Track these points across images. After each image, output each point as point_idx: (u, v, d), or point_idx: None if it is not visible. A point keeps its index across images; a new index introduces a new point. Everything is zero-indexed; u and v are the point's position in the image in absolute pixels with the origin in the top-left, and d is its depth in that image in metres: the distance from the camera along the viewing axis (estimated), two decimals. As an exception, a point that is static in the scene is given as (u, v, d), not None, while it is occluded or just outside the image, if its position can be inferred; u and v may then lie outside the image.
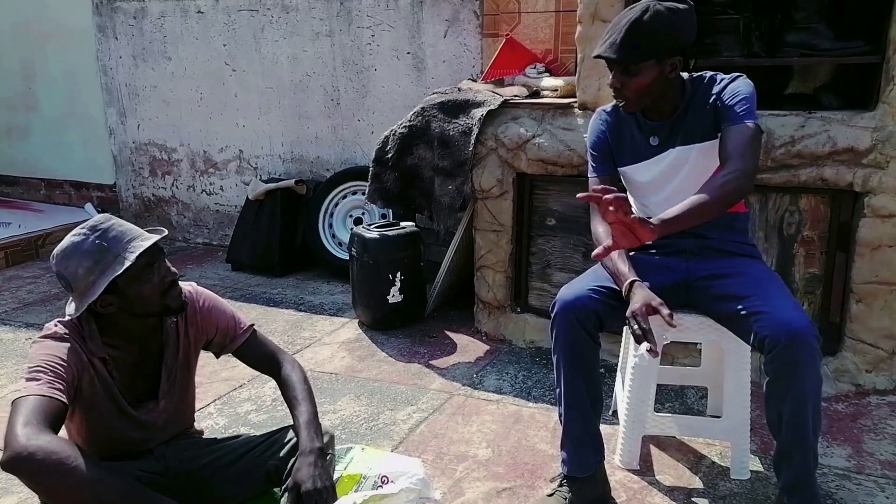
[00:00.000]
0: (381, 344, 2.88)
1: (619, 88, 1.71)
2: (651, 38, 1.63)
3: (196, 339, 1.69)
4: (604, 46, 1.67)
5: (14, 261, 4.03)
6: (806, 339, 1.51)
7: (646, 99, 1.72)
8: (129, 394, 1.59)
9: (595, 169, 1.91)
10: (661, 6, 1.63)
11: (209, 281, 3.69)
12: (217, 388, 2.51)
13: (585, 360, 1.75)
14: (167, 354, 1.63)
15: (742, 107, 1.65)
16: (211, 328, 1.70)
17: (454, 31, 3.44)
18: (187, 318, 1.66)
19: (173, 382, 1.66)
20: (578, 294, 1.73)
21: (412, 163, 2.89)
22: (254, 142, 4.12)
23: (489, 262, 2.82)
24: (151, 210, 4.57)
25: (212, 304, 1.71)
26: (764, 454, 2.04)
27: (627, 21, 1.64)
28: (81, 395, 1.49)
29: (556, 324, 1.74)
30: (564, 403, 1.77)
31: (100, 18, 4.33)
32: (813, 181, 2.27)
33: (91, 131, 4.60)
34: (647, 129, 1.80)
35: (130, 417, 1.59)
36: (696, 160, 1.75)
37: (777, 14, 2.46)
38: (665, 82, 1.69)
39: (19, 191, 5.03)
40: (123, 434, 1.60)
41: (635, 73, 1.66)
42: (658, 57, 1.65)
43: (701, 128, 1.74)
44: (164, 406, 1.65)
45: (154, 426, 1.64)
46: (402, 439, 2.16)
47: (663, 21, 1.62)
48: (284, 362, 1.72)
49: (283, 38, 3.86)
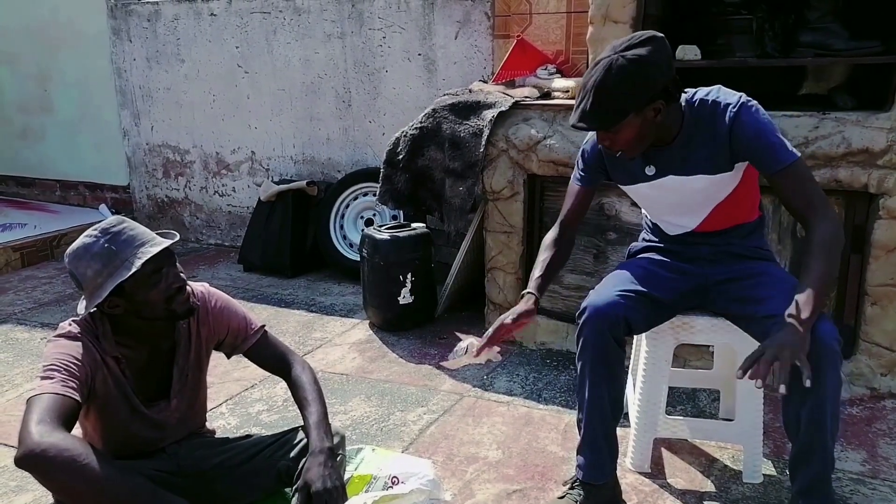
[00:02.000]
0: (391, 345, 2.88)
1: (608, 145, 1.62)
2: (620, 97, 1.51)
3: (208, 340, 1.70)
4: (576, 115, 1.56)
5: (30, 261, 4.08)
6: (826, 342, 1.49)
7: (640, 145, 1.61)
8: (141, 393, 1.60)
9: (580, 177, 1.85)
10: (623, 60, 1.49)
11: (221, 281, 3.72)
12: (229, 388, 2.52)
13: (611, 368, 1.72)
14: (178, 354, 1.64)
15: (774, 148, 1.56)
16: (222, 329, 1.71)
17: (465, 33, 3.44)
18: (199, 318, 1.67)
19: (185, 382, 1.67)
20: (608, 300, 1.69)
21: (423, 164, 2.89)
22: (266, 143, 4.14)
23: (500, 264, 2.82)
24: (165, 211, 4.61)
25: (224, 305, 1.72)
26: (777, 458, 2.02)
27: (592, 85, 1.52)
28: (95, 393, 1.51)
29: (585, 331, 1.70)
30: (586, 411, 1.75)
31: (114, 21, 4.38)
32: (827, 183, 2.25)
33: (105, 133, 4.65)
34: (644, 157, 1.70)
35: (143, 416, 1.61)
36: (700, 190, 1.68)
37: (791, 14, 2.45)
38: (654, 126, 1.58)
39: (35, 192, 5.09)
40: (136, 433, 1.62)
41: (617, 131, 1.56)
42: (636, 110, 1.53)
43: (705, 160, 1.64)
44: (176, 405, 1.66)
45: (166, 425, 1.66)
46: (413, 440, 2.16)
47: (629, 77, 1.49)
48: (295, 363, 1.73)
49: (295, 41, 3.88)
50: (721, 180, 1.66)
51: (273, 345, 1.77)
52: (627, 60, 1.49)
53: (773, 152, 1.57)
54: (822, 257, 1.51)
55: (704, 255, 1.78)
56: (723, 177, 1.66)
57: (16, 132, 5.01)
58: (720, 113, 1.60)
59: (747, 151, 1.60)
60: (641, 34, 1.55)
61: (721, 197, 1.70)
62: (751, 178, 1.70)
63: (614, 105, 1.52)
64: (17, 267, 4.04)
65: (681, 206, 1.76)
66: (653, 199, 1.80)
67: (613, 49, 1.53)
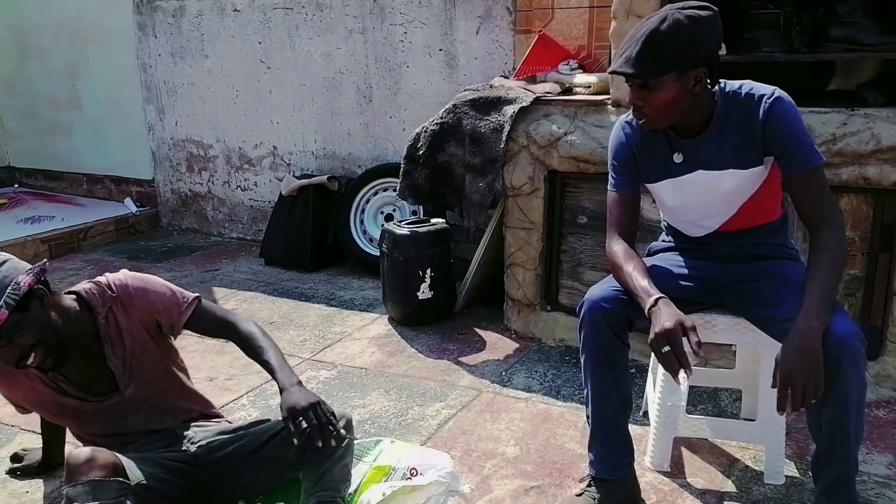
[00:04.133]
0: (410, 340, 2.89)
1: (639, 106, 1.57)
2: (670, 49, 1.49)
3: (144, 324, 1.71)
4: (619, 61, 1.53)
5: (57, 253, 4.16)
6: (850, 342, 1.47)
7: (670, 116, 1.58)
8: (89, 391, 1.68)
9: (616, 182, 1.77)
10: (680, 14, 1.49)
11: (242, 275, 3.76)
12: (250, 380, 2.55)
13: (613, 362, 1.71)
14: (106, 349, 1.67)
15: (804, 147, 1.55)
16: (153, 310, 1.71)
17: (486, 28, 3.43)
18: (124, 306, 1.69)
19: (130, 371, 1.70)
20: (606, 294, 1.68)
21: (443, 160, 2.89)
22: (287, 138, 4.17)
23: (519, 260, 2.81)
24: (188, 205, 4.67)
25: (144, 287, 1.72)
26: (800, 459, 1.99)
27: (644, 32, 1.50)
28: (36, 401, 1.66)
29: (584, 325, 1.70)
30: (591, 405, 1.75)
31: (140, 17, 4.44)
32: (855, 180, 2.21)
33: (131, 128, 4.72)
34: (674, 144, 1.67)
35: (102, 408, 1.68)
36: (728, 186, 1.66)
37: (820, 8, 2.40)
38: (690, 97, 1.55)
39: (62, 185, 5.19)
40: (110, 423, 1.70)
41: (655, 87, 1.52)
42: (679, 69, 1.50)
43: (737, 153, 1.61)
44: (133, 393, 1.70)
45: (133, 412, 1.71)
46: (431, 435, 2.17)
47: (683, 30, 1.48)
48: (239, 322, 1.74)
49: (317, 36, 3.90)
50: (750, 175, 1.64)
51: (211, 311, 1.76)
52: (684, 16, 1.49)
53: (802, 151, 1.55)
54: (830, 266, 1.52)
55: (725, 254, 1.76)
56: (752, 171, 1.63)
57: (45, 127, 5.11)
58: (755, 103, 1.58)
59: (777, 145, 1.57)
60: (700, 2, 1.55)
61: (747, 195, 1.67)
62: (775, 176, 1.67)
63: (662, 55, 1.50)
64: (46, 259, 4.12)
65: (707, 207, 1.73)
66: (678, 200, 1.75)
67: (671, 7, 1.53)
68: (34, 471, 1.96)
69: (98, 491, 1.41)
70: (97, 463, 1.44)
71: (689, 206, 1.76)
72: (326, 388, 2.49)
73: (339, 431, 1.55)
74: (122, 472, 1.48)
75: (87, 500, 1.39)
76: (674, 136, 1.67)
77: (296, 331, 3.00)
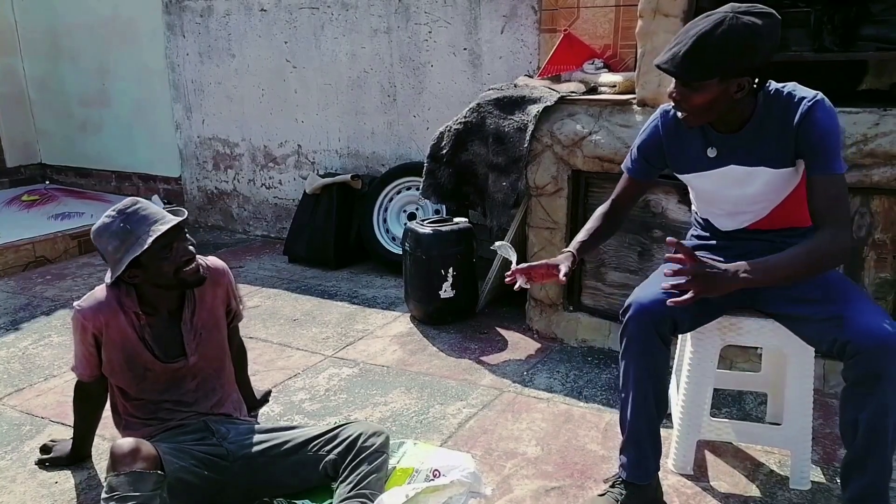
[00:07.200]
0: (432, 338, 2.90)
1: (678, 101, 1.58)
2: (719, 55, 1.46)
3: (223, 301, 1.91)
4: (665, 56, 1.52)
5: (86, 249, 4.24)
6: (891, 343, 1.44)
7: (707, 116, 1.58)
8: (161, 351, 1.78)
9: (632, 166, 1.84)
10: (738, 21, 1.45)
11: (266, 272, 3.80)
12: (273, 376, 2.58)
13: (656, 367, 1.70)
14: (185, 314, 1.80)
15: (828, 153, 1.53)
16: (232, 293, 1.95)
17: (511, 27, 3.42)
18: (212, 281, 1.85)
19: (199, 340, 1.83)
20: (654, 297, 1.66)
21: (467, 159, 2.89)
22: (312, 137, 4.21)
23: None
24: (214, 202, 4.73)
25: (228, 272, 1.95)
26: (826, 464, 1.96)
27: (696, 33, 1.47)
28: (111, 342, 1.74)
29: (630, 327, 1.68)
30: (631, 410, 1.73)
31: (169, 17, 4.51)
32: (887, 182, 2.16)
33: (159, 126, 4.80)
34: (709, 138, 1.67)
35: (163, 368, 1.78)
36: (759, 183, 1.64)
37: (853, 6, 2.35)
38: (730, 102, 1.54)
39: (92, 182, 5.29)
40: (160, 388, 1.80)
41: (696, 88, 1.51)
42: (722, 77, 1.49)
43: (771, 152, 1.60)
44: (196, 362, 1.82)
45: (188, 380, 1.82)
46: (452, 434, 2.17)
47: (737, 39, 1.44)
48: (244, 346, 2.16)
49: (342, 35, 3.93)
50: (782, 176, 1.62)
51: (237, 329, 2.09)
52: (742, 23, 1.46)
53: (824, 156, 1.54)
54: (806, 255, 1.53)
55: (756, 250, 1.73)
56: (784, 172, 1.61)
57: (76, 125, 5.22)
58: (794, 105, 1.57)
59: (805, 147, 1.56)
60: (763, 7, 1.51)
61: (780, 197, 1.65)
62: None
63: (708, 60, 1.47)
64: (75, 254, 4.21)
65: (737, 203, 1.71)
66: (710, 192, 1.75)
67: (732, 9, 1.50)
68: (63, 462, 2.01)
69: (138, 483, 1.49)
70: (140, 455, 1.53)
71: (719, 199, 1.75)
72: (348, 386, 2.51)
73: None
74: (160, 465, 1.56)
75: (127, 491, 1.47)
76: (710, 130, 1.67)
77: (318, 328, 3.03)
